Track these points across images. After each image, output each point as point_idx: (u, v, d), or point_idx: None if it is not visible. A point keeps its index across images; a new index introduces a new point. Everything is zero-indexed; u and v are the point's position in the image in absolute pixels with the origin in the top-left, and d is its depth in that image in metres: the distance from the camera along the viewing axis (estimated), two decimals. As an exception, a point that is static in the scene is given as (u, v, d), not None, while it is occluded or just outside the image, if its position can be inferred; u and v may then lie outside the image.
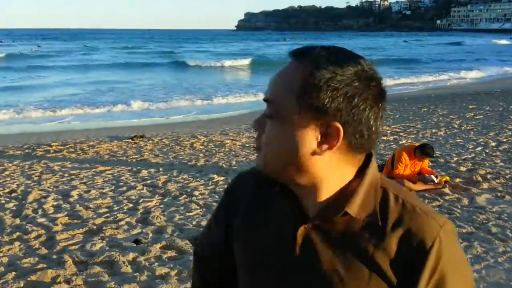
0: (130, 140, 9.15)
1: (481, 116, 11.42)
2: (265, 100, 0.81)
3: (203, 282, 1.08)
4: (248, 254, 0.91)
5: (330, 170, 0.79)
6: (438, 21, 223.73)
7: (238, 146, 8.60)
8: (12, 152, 8.18)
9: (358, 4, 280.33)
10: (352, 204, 0.78)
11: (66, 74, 25.52)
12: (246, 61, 33.46)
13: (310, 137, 0.76)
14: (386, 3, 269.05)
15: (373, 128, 0.77)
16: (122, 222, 4.64)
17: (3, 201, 5.36)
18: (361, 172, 0.81)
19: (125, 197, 5.51)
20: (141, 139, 9.29)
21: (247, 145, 8.73)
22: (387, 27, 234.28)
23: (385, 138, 8.84)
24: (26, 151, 8.28)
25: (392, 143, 8.52)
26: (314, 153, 0.77)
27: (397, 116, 11.75)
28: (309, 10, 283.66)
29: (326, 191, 0.81)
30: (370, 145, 0.79)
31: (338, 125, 0.75)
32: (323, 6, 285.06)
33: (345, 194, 0.80)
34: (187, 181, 6.22)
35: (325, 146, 0.76)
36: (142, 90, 18.97)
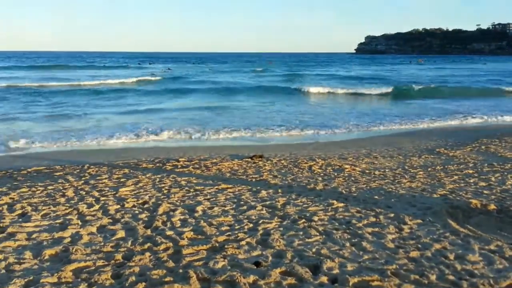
0: (249, 160, 9.38)
1: None
2: None
3: None
4: None
5: None
6: None
7: (358, 172, 8.29)
8: (145, 165, 8.88)
9: (490, 27, 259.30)
10: None
11: (193, 96, 27.60)
12: (388, 89, 30.84)
13: None
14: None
15: None
16: (243, 242, 4.67)
17: (136, 212, 5.78)
18: None
19: (245, 217, 5.58)
20: (260, 159, 9.47)
21: (367, 171, 8.38)
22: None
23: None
24: (157, 165, 8.93)
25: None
26: None
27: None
28: (434, 33, 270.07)
29: None
30: None
31: None
32: (450, 29, 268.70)
33: None
34: (306, 205, 6.10)
35: None
36: (263, 112, 19.45)
